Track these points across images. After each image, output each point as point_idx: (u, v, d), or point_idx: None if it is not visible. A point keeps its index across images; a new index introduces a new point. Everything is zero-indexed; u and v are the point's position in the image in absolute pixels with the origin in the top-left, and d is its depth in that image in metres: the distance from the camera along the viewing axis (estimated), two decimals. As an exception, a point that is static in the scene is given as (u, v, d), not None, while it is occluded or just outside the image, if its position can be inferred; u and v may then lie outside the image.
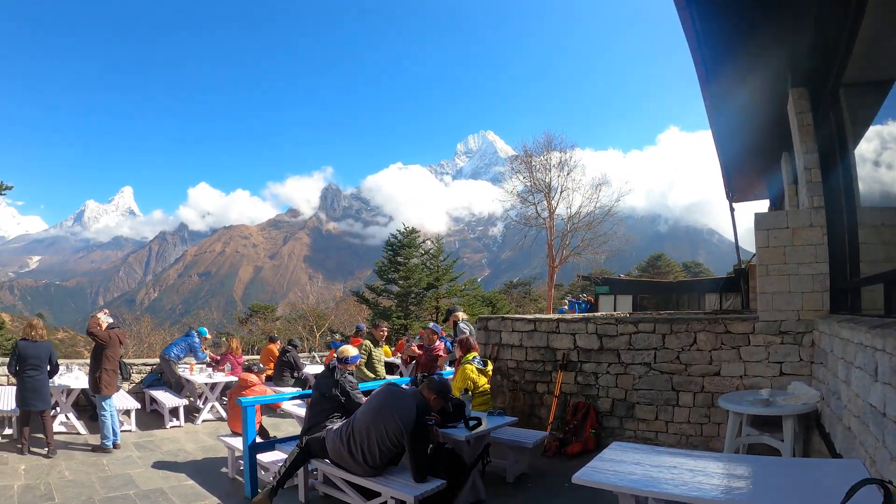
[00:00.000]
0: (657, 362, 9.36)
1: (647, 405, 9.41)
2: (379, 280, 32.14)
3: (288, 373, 15.54)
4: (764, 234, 8.73)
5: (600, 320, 10.17)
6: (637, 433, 9.45)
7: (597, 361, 9.90)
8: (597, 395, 9.86)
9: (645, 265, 73.00)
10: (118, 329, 11.24)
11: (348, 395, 7.65)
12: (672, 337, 9.25)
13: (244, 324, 40.17)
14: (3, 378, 12.69)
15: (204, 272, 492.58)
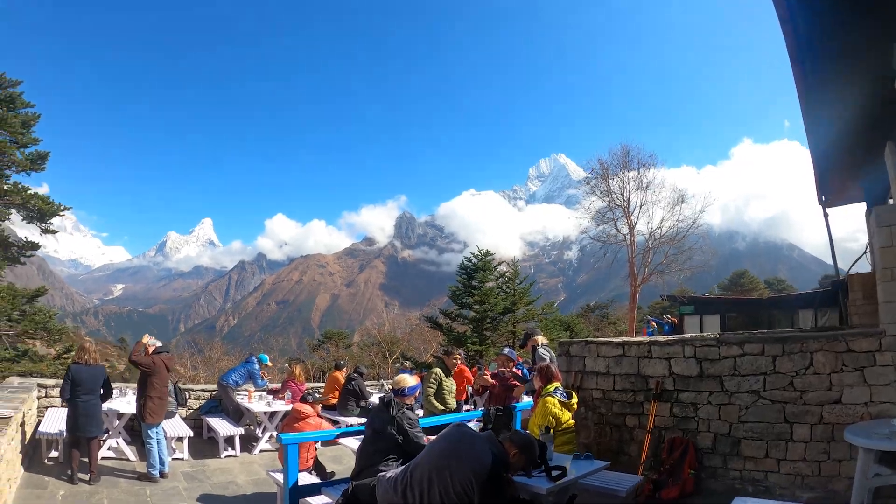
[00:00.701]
0: (767, 389, 7.98)
1: (755, 440, 7.99)
2: (454, 305, 31.06)
3: (353, 402, 14.54)
4: (887, 231, 7.39)
5: (699, 342, 8.83)
6: (743, 474, 8.05)
7: (696, 390, 8.54)
8: (696, 429, 8.48)
9: (727, 283, 70.18)
10: (166, 354, 10.61)
11: (406, 433, 6.46)
12: (784, 359, 7.86)
13: (316, 350, 39.52)
14: (57, 400, 12.37)
15: (282, 300, 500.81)
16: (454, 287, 30.81)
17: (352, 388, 14.57)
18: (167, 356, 10.54)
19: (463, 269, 30.64)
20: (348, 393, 14.59)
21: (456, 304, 30.59)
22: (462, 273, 30.53)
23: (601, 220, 37.95)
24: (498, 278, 30.46)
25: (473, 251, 30.96)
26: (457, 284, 30.78)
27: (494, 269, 30.62)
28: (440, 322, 31.37)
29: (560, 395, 7.91)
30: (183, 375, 30.92)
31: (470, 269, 30.16)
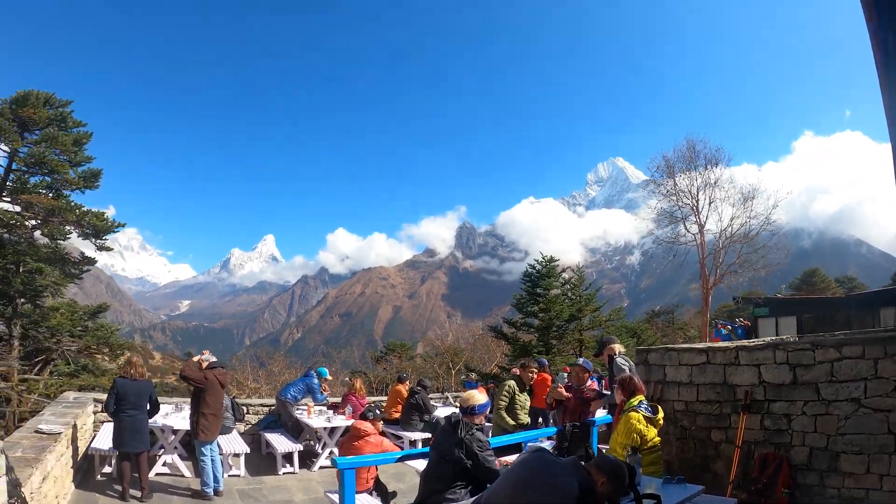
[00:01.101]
0: (868, 396, 7.14)
1: (854, 454, 7.16)
2: (518, 314, 30.17)
3: (416, 416, 14.04)
4: None
5: (791, 346, 8.01)
6: (842, 492, 7.23)
7: (789, 399, 7.73)
8: (790, 442, 7.68)
9: (798, 283, 67.33)
10: (219, 370, 10.23)
11: (476, 458, 5.80)
12: (887, 362, 7.00)
13: (379, 362, 38.81)
14: None
15: (345, 313, 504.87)
16: (518, 295, 29.97)
17: (415, 401, 14.08)
18: (221, 372, 10.18)
19: (527, 276, 29.76)
20: (411, 407, 14.11)
21: (520, 313, 29.73)
22: (526, 280, 29.69)
23: (668, 221, 36.02)
24: (563, 285, 29.53)
25: (535, 259, 30.05)
26: (521, 292, 29.92)
27: (559, 275, 29.68)
28: (504, 332, 30.51)
29: (645, 410, 7.04)
30: (247, 387, 30.83)
31: (534, 277, 29.29)
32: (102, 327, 20.26)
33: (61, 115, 17.44)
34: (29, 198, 16.46)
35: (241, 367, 37.68)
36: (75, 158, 17.88)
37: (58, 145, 16.73)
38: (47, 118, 16.81)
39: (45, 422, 9.24)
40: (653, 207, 38.01)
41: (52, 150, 16.88)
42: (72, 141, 17.22)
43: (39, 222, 17.52)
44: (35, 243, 18.22)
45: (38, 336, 18.28)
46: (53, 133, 16.59)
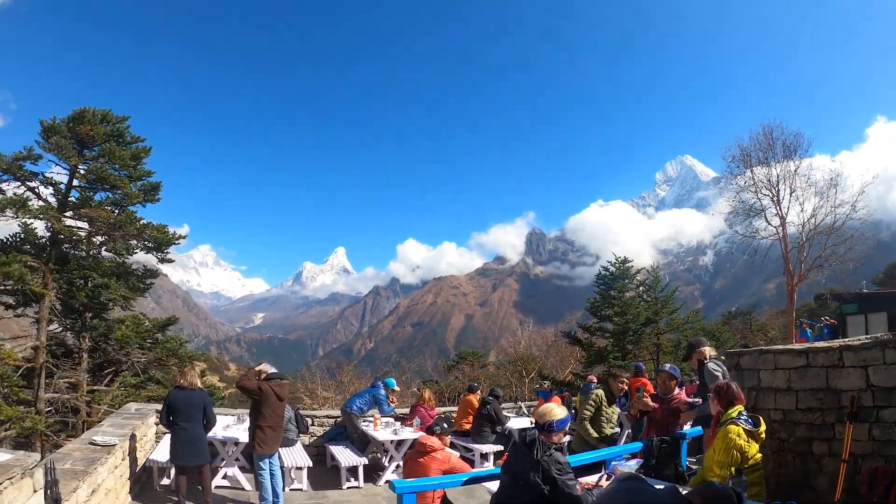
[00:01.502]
0: None
1: None
2: (592, 318, 29.09)
3: (488, 428, 13.40)
4: None
5: (904, 344, 7.09)
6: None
7: (902, 406, 6.76)
8: (904, 455, 6.65)
9: (882, 277, 63.96)
10: (278, 381, 9.74)
11: (555, 482, 4.97)
12: None
13: (451, 371, 38.08)
14: None
15: (417, 322, 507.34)
16: (592, 299, 28.96)
17: (487, 412, 13.44)
18: (278, 383, 9.69)
19: (600, 279, 28.75)
20: (483, 418, 13.46)
21: (595, 317, 28.73)
22: (599, 283, 28.68)
23: (745, 215, 33.59)
24: (637, 287, 28.45)
25: (608, 261, 28.98)
26: (594, 296, 28.93)
27: (633, 277, 28.61)
28: (578, 337, 29.49)
29: (745, 422, 6.00)
30: (319, 397, 30.56)
31: (607, 279, 28.28)
32: (172, 339, 20.28)
33: (118, 131, 17.42)
34: (89, 212, 16.40)
35: (312, 377, 37.51)
36: (135, 173, 17.86)
37: (116, 160, 16.68)
38: (104, 134, 16.80)
39: (102, 433, 9.24)
40: (730, 200, 35.13)
41: (111, 165, 16.88)
42: (129, 156, 17.14)
43: (105, 238, 17.56)
44: (99, 258, 18.26)
45: (107, 349, 18.33)
46: (111, 148, 16.54)
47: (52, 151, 15.76)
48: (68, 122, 16.51)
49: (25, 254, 16.35)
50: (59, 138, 15.68)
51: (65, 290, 17.39)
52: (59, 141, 15.59)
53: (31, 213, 15.41)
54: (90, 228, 17.04)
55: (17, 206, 15.03)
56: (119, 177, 16.73)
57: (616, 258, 28.75)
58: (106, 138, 16.81)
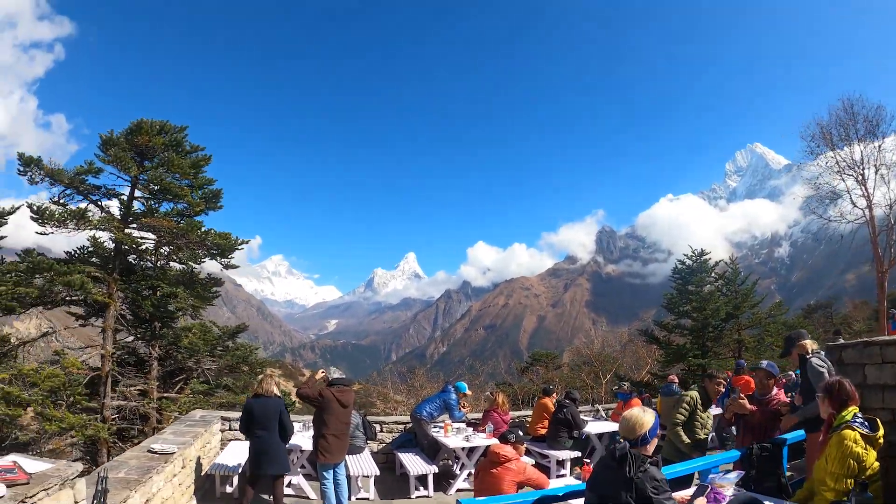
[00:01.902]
0: None
1: None
2: (669, 315, 27.99)
3: (565, 432, 12.64)
4: None
5: None
6: None
7: None
8: None
9: None
10: (341, 386, 9.31)
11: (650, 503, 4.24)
12: None
13: (525, 373, 37.17)
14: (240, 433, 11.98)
15: (489, 325, 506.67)
16: (669, 294, 27.74)
17: (563, 416, 12.69)
18: (341, 389, 9.24)
19: (677, 273, 27.62)
20: (559, 422, 12.70)
21: (672, 314, 27.53)
22: (676, 278, 27.55)
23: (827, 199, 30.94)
24: (716, 280, 27.17)
25: (684, 254, 27.63)
26: (671, 291, 27.75)
27: (711, 270, 27.42)
28: (656, 335, 28.34)
29: (861, 426, 5.24)
30: (392, 400, 30.19)
31: (684, 273, 27.06)
32: (242, 346, 20.46)
33: (176, 141, 17.25)
34: (151, 221, 16.33)
35: (383, 381, 37.19)
36: (196, 181, 17.78)
37: (175, 169, 16.55)
38: (163, 144, 16.69)
39: (163, 441, 9.25)
40: (807, 185, 32.68)
41: (171, 174, 16.79)
42: (189, 164, 17.03)
43: (172, 248, 17.54)
44: (166, 268, 18.33)
45: (177, 356, 18.51)
46: (170, 158, 16.45)
47: (112, 164, 15.75)
48: (126, 135, 16.44)
49: (91, 265, 16.33)
50: (118, 150, 15.64)
51: (130, 299, 17.40)
52: (118, 153, 15.55)
53: (92, 224, 15.40)
54: (155, 238, 17.04)
55: (78, 218, 15.04)
56: (179, 185, 16.62)
57: (692, 251, 27.55)
58: (164, 148, 16.72)
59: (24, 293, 14.30)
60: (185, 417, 12.40)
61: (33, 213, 14.79)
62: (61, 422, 13.27)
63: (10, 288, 14.22)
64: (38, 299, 15.12)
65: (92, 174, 15.96)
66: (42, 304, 15.76)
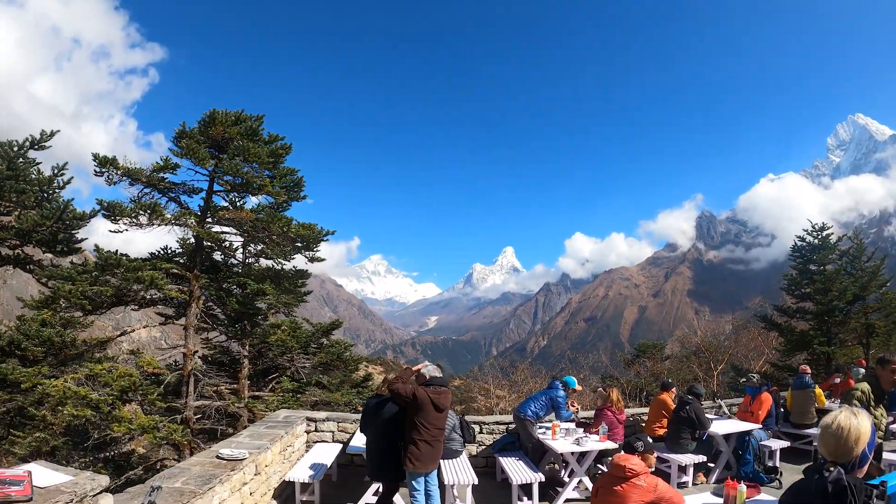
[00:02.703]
0: None
1: None
2: (788, 297, 25.59)
3: (687, 433, 11.19)
4: None
5: None
6: None
7: None
8: None
9: None
10: (436, 388, 7.97)
11: None
12: None
13: (630, 366, 35.15)
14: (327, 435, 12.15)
15: (589, 317, 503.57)
16: (788, 275, 25.36)
17: (686, 415, 11.20)
18: (437, 390, 7.92)
19: (796, 251, 25.15)
20: (681, 422, 11.24)
21: (791, 296, 25.20)
22: (795, 256, 25.10)
23: None
24: (840, 258, 24.64)
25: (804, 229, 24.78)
26: (790, 272, 25.34)
27: (834, 247, 24.72)
28: (776, 320, 25.97)
29: None
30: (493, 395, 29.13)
31: (804, 251, 24.66)
32: (337, 343, 19.95)
33: (252, 130, 16.22)
34: (229, 214, 15.52)
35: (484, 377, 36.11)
36: (277, 172, 16.76)
37: (252, 158, 15.42)
38: (238, 133, 15.67)
39: (236, 444, 8.80)
40: None
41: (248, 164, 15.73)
42: (267, 153, 15.89)
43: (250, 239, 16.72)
44: (252, 265, 17.77)
45: (269, 355, 18.03)
46: (244, 146, 15.29)
47: (186, 156, 14.76)
48: (200, 126, 15.60)
49: (172, 263, 15.74)
50: (191, 142, 14.71)
51: (216, 297, 16.74)
52: (191, 144, 14.60)
53: (166, 219, 14.58)
54: (236, 232, 16.13)
55: (150, 212, 14.17)
56: (257, 175, 15.63)
57: (812, 226, 24.96)
58: (240, 138, 15.70)
59: (99, 292, 13.58)
60: (267, 418, 11.67)
61: (104, 210, 14.11)
62: (130, 423, 12.54)
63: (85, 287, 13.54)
64: (114, 298, 14.49)
65: (169, 170, 15.05)
66: (122, 304, 15.17)
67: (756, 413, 12.60)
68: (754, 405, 12.76)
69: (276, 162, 16.43)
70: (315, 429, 12.01)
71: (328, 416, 12.14)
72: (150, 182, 14.94)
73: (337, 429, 12.09)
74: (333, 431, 12.05)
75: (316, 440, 11.93)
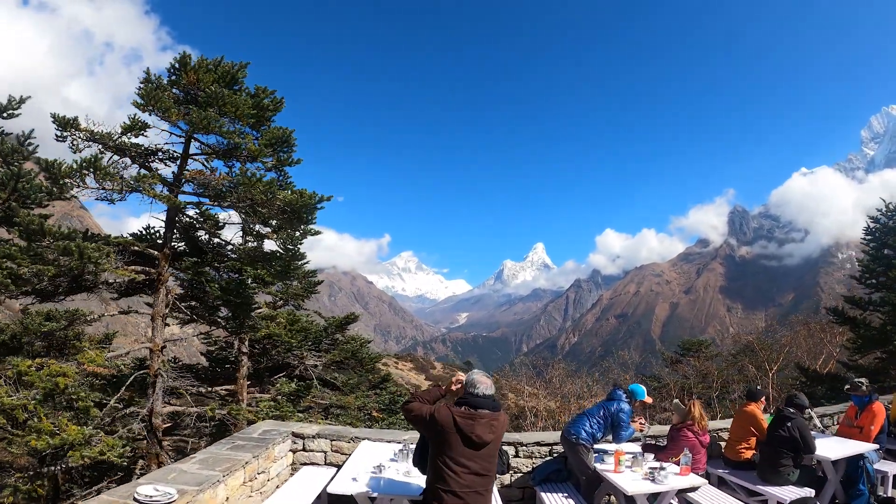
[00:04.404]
0: None
1: None
2: (860, 287, 21.75)
3: (789, 459, 8.28)
4: None
5: None
6: None
7: None
8: None
9: None
10: (470, 409, 5.09)
11: None
12: None
13: (675, 366, 31.71)
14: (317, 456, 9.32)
15: (620, 314, 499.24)
16: (864, 261, 21.94)
17: (787, 433, 8.27)
18: (470, 413, 5.05)
19: (869, 234, 21.78)
20: (780, 443, 8.32)
21: (864, 285, 21.79)
22: (869, 240, 21.77)
23: None
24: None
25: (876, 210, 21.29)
26: (864, 257, 21.89)
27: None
28: (849, 314, 22.44)
29: None
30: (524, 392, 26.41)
31: (879, 233, 21.42)
32: (352, 339, 17.84)
33: (232, 77, 13.01)
34: (195, 174, 12.62)
35: (516, 376, 33.52)
36: (262, 132, 13.35)
37: (228, 109, 12.19)
38: (213, 80, 12.52)
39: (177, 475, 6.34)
40: None
41: (228, 117, 12.44)
42: (250, 105, 12.64)
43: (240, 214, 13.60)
44: (244, 248, 14.76)
45: (272, 352, 16.03)
46: (218, 92, 12.04)
47: (149, 108, 11.68)
48: (170, 74, 12.66)
49: (143, 241, 13.07)
50: (152, 88, 11.80)
51: (191, 282, 13.85)
52: (151, 91, 11.63)
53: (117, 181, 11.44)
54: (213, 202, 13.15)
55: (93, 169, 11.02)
56: (233, 128, 12.43)
57: (886, 205, 21.62)
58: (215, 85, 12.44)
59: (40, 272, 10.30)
60: (238, 434, 8.96)
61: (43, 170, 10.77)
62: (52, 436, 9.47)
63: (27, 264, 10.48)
64: (71, 281, 11.73)
65: (138, 130, 12.07)
66: (85, 290, 12.43)
67: (867, 428, 9.69)
68: (863, 418, 9.78)
69: (260, 117, 13.18)
70: (303, 447, 9.25)
71: (319, 431, 9.35)
72: (121, 148, 12.13)
73: (330, 448, 9.24)
74: (325, 451, 9.23)
75: (304, 461, 9.18)
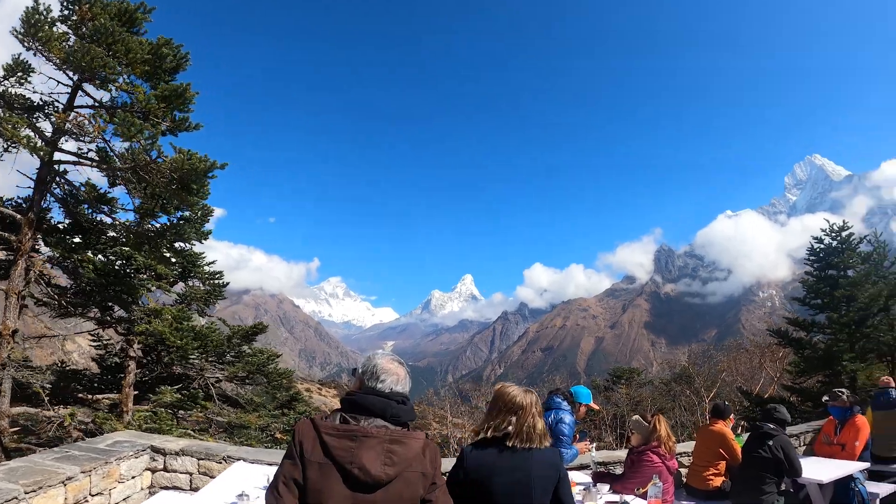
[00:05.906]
0: None
1: None
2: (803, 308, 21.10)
3: (772, 483, 6.68)
4: None
5: None
6: None
7: None
8: None
9: None
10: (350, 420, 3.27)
11: None
12: None
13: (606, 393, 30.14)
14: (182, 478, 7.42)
15: (546, 347, 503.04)
16: (808, 281, 21.07)
17: (768, 453, 6.70)
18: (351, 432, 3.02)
19: (813, 254, 21.16)
20: (760, 465, 6.75)
21: (807, 305, 20.92)
22: (813, 260, 21.14)
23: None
24: (861, 263, 20.33)
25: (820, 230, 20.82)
26: (808, 277, 21.03)
27: (856, 249, 20.64)
28: (794, 336, 21.40)
29: None
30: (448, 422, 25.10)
31: (822, 253, 20.76)
32: (259, 353, 15.67)
33: (130, 17, 10.98)
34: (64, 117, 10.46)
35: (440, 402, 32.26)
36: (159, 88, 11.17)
37: (118, 48, 10.18)
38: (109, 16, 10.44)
39: None
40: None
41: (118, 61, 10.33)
42: (145, 51, 10.61)
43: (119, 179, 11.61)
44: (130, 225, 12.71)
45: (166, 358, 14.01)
46: (109, 26, 10.05)
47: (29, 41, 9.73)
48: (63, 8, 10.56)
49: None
50: (33, 14, 9.71)
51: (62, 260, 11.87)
52: (31, 15, 9.64)
53: None
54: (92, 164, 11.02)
55: None
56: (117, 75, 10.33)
57: (829, 225, 20.97)
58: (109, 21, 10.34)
59: None
60: (80, 444, 7.16)
61: None
62: None
63: None
64: None
65: (20, 72, 10.13)
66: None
67: (850, 445, 8.26)
68: (844, 434, 8.40)
69: (157, 67, 11.17)
70: (164, 466, 7.31)
71: (185, 447, 7.36)
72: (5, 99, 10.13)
73: (197, 469, 7.28)
74: (191, 473, 7.28)
75: (165, 484, 7.22)
